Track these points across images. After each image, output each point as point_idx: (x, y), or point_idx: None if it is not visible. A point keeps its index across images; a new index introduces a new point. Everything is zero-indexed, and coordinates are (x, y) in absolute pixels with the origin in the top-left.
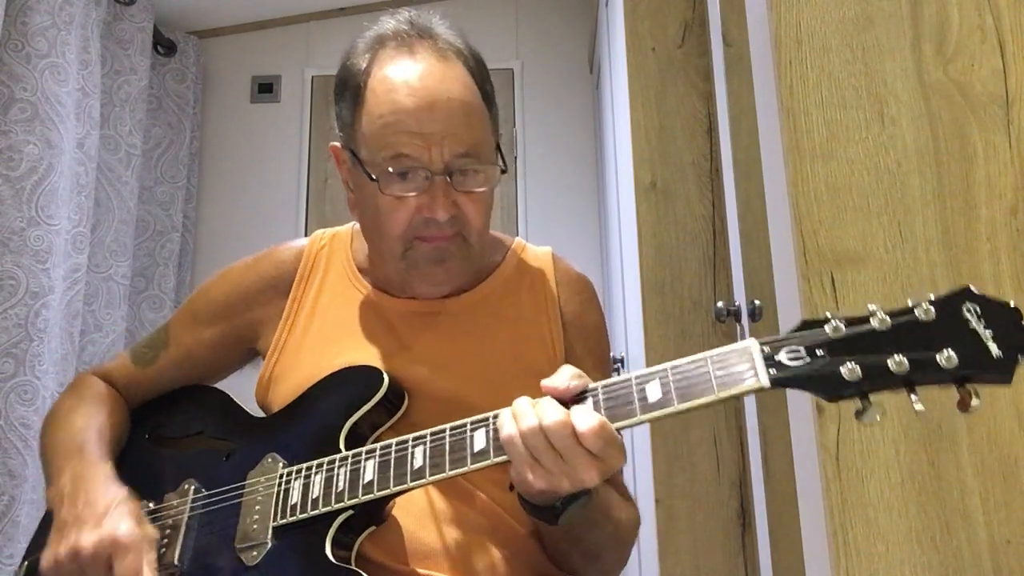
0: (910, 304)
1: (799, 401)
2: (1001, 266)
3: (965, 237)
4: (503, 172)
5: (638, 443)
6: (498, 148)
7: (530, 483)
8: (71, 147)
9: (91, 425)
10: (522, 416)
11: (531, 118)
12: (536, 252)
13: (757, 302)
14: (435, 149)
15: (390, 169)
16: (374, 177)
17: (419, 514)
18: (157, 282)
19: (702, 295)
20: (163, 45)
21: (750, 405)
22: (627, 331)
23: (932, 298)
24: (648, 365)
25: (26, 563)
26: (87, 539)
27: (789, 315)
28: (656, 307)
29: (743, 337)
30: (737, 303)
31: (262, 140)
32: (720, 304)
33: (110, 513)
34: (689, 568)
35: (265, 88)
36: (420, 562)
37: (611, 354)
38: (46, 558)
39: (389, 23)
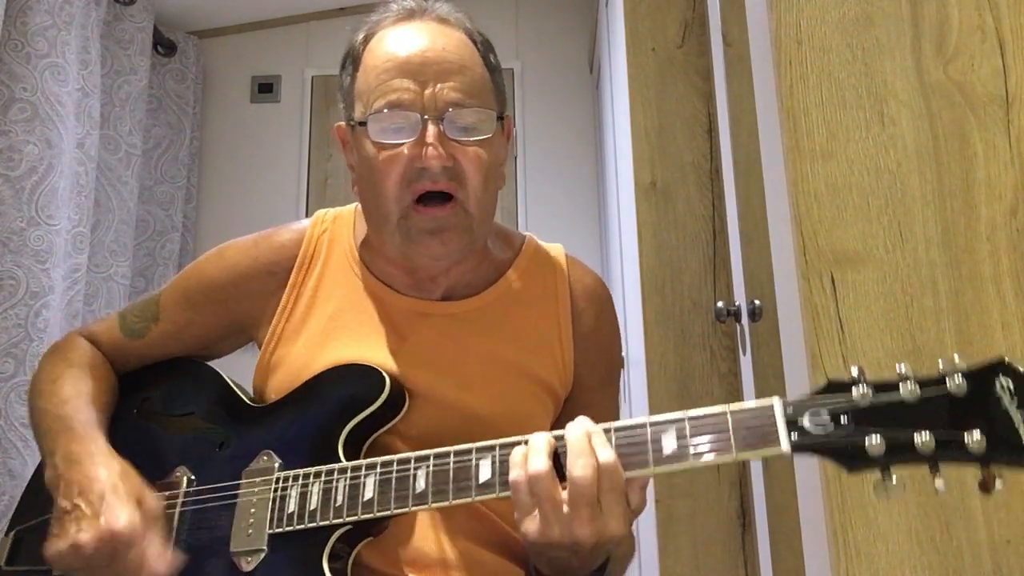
0: (941, 370)
1: None
2: (1001, 266)
3: (965, 237)
4: (505, 131)
5: None
6: (500, 118)
7: (525, 531)
8: (71, 147)
9: (80, 393)
10: (519, 463)
11: (531, 118)
12: (549, 252)
13: (757, 302)
14: (427, 94)
15: (380, 115)
16: (364, 123)
17: (419, 522)
18: (157, 282)
19: (702, 295)
20: (163, 45)
21: None
22: (627, 331)
23: (964, 369)
24: (648, 365)
25: (12, 533)
26: (86, 536)
27: (789, 315)
28: (656, 307)
29: (743, 337)
30: (737, 303)
31: (262, 140)
32: (720, 304)
33: (106, 501)
34: (689, 568)
35: (265, 88)
36: (420, 571)
37: (621, 369)
38: (50, 551)
39: (393, 6)
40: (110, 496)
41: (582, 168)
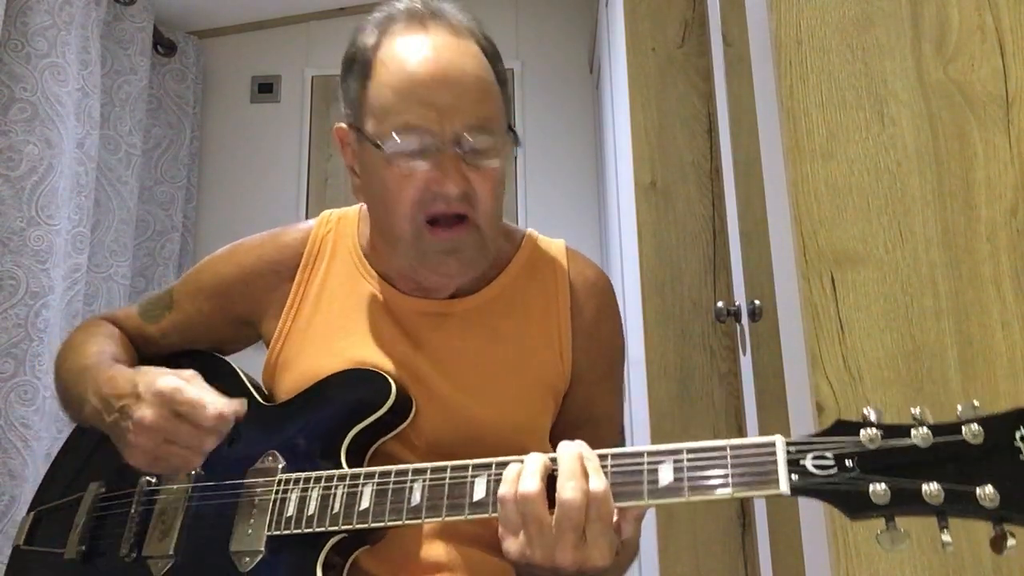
0: (958, 416)
1: (799, 400)
2: (1001, 266)
3: (965, 237)
4: (516, 144)
5: (637, 443)
6: (511, 129)
7: (507, 548)
8: (71, 147)
9: (107, 351)
10: (511, 479)
11: (531, 118)
12: (549, 246)
13: (757, 302)
14: (447, 120)
15: (397, 138)
16: (379, 144)
17: (421, 527)
18: (157, 282)
19: (702, 295)
20: (163, 45)
21: (750, 406)
22: (627, 331)
23: (982, 416)
24: (648, 365)
25: (33, 513)
26: (141, 412)
27: (789, 315)
28: (656, 307)
29: (743, 337)
30: (737, 303)
31: (262, 140)
32: (720, 304)
33: (139, 382)
34: (689, 568)
35: (265, 88)
36: (421, 575)
37: (625, 363)
38: (129, 456)
39: (399, 5)
40: (141, 379)
41: (582, 168)
